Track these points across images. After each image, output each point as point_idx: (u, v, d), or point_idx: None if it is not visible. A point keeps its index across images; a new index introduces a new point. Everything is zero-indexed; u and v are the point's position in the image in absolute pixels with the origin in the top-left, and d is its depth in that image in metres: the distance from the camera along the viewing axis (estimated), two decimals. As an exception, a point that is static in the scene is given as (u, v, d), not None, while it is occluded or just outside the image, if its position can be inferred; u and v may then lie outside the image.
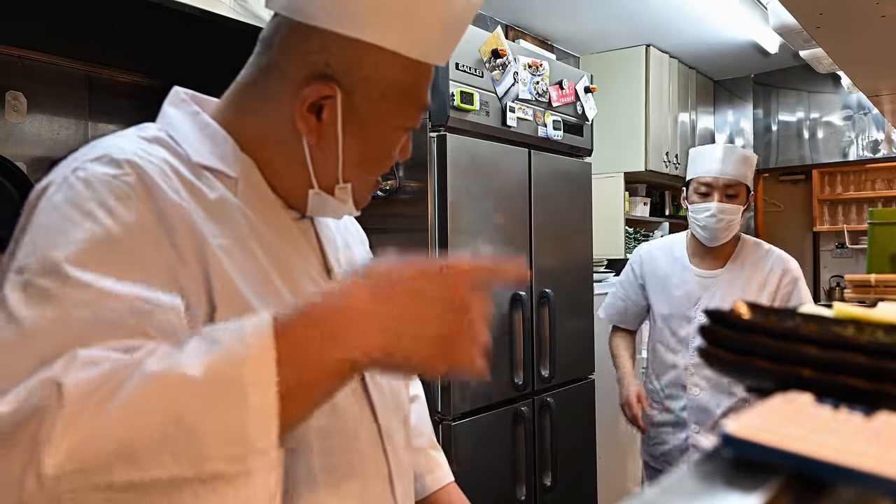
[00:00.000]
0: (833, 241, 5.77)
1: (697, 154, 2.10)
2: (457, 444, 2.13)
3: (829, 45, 1.63)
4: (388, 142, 0.77)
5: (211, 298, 0.65)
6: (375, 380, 0.82)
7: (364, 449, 0.78)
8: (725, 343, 0.53)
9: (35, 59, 1.82)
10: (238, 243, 0.70)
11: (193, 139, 0.74)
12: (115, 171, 0.64)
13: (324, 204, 0.79)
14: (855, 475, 0.36)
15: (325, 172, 0.77)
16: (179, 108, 0.77)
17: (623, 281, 2.30)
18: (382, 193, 2.23)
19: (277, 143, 0.76)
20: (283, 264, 0.75)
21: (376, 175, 0.81)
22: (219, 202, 0.71)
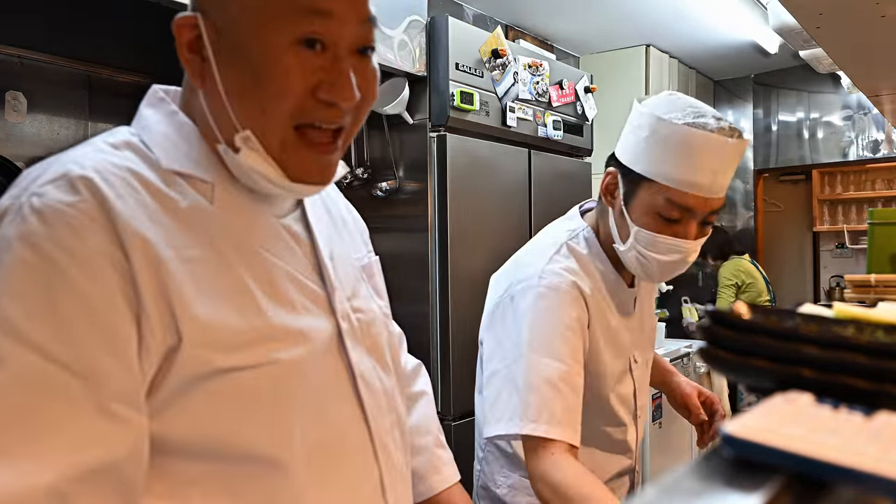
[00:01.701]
0: (833, 241, 5.77)
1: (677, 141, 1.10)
2: (457, 444, 2.13)
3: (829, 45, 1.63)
4: (281, 65, 0.64)
5: (176, 327, 0.62)
6: (366, 379, 0.78)
7: (353, 453, 0.75)
8: (726, 343, 0.53)
9: (35, 59, 1.82)
10: (214, 254, 0.67)
11: (167, 143, 0.69)
12: (71, 199, 0.60)
13: (244, 170, 0.69)
14: (855, 475, 0.36)
15: (222, 119, 0.68)
16: (156, 109, 0.72)
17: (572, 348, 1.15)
18: (382, 193, 2.23)
19: (198, 109, 0.70)
20: (265, 272, 0.70)
21: (284, 118, 0.66)
22: (191, 211, 0.67)
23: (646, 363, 1.38)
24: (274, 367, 0.67)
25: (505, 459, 1.31)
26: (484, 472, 1.35)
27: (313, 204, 0.82)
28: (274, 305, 0.69)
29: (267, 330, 0.67)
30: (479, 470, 1.38)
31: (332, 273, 0.77)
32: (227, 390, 0.64)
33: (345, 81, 0.66)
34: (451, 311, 2.13)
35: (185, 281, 0.63)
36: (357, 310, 0.79)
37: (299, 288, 0.73)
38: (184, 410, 0.63)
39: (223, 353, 0.64)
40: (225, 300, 0.65)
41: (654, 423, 3.26)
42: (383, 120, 2.23)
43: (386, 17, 2.02)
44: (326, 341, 0.74)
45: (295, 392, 0.69)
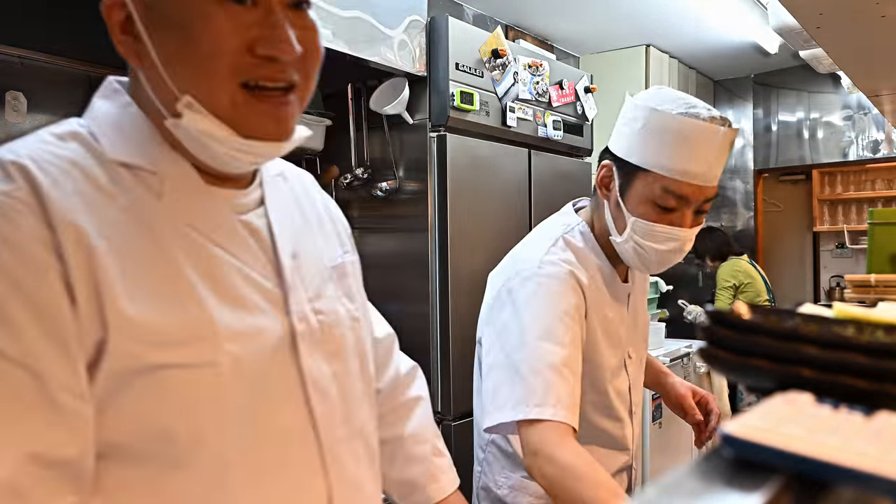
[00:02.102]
0: (833, 241, 5.77)
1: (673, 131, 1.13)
2: (457, 444, 2.13)
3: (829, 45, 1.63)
4: (208, 26, 0.63)
5: (103, 318, 0.60)
6: (320, 386, 0.74)
7: (296, 465, 0.71)
8: (726, 343, 0.53)
9: (35, 59, 1.82)
10: (154, 248, 0.65)
11: (115, 134, 0.68)
12: (3, 186, 0.59)
13: (199, 142, 0.67)
14: (855, 475, 0.36)
15: (163, 92, 0.66)
16: (109, 100, 0.71)
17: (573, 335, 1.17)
18: (382, 193, 2.23)
19: (143, 94, 0.69)
20: (212, 268, 0.68)
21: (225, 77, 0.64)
22: (134, 204, 0.65)
23: (640, 360, 1.39)
24: (212, 366, 0.64)
25: (506, 460, 1.31)
26: (485, 472, 1.35)
27: (281, 201, 0.80)
28: (219, 303, 0.67)
29: (208, 328, 0.65)
30: (479, 471, 1.38)
31: (292, 272, 0.74)
32: (161, 388, 0.62)
33: (281, 34, 0.65)
34: (451, 311, 2.13)
35: (117, 273, 0.61)
36: (319, 311, 0.76)
37: (251, 285, 0.70)
38: (115, 408, 0.62)
39: (155, 349, 0.62)
40: (162, 296, 0.64)
41: (654, 423, 3.25)
42: (383, 120, 2.23)
43: (386, 17, 2.03)
44: (275, 342, 0.70)
45: (234, 394, 0.66)
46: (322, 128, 2.23)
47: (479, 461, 1.37)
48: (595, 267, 1.25)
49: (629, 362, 1.33)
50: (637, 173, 1.17)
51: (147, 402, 0.62)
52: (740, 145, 4.93)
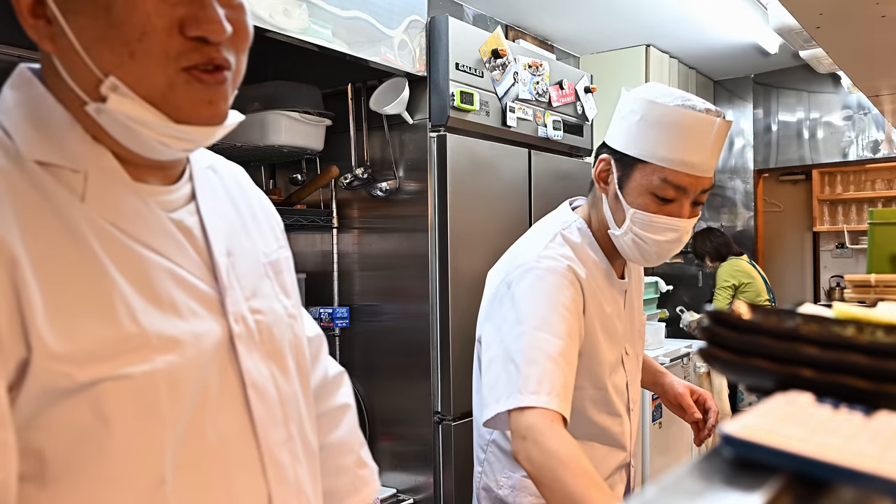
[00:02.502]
0: (833, 241, 5.77)
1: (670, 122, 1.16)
2: (457, 444, 2.14)
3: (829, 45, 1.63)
4: (133, 6, 0.60)
5: (26, 338, 0.56)
6: (259, 387, 0.71)
7: (236, 468, 0.69)
8: (726, 343, 0.53)
9: (35, 59, 1.82)
10: (78, 253, 0.60)
11: (30, 130, 0.63)
12: None
13: (125, 127, 0.63)
14: (855, 475, 0.36)
15: (82, 76, 0.62)
16: (21, 91, 0.66)
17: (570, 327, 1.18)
18: (382, 193, 2.23)
19: (58, 82, 0.64)
20: (140, 272, 0.64)
21: (158, 59, 0.61)
22: (55, 208, 0.61)
23: (636, 357, 1.40)
24: (147, 378, 0.61)
25: (507, 460, 1.32)
26: (486, 473, 1.36)
27: (212, 195, 0.76)
28: (150, 309, 0.63)
29: (139, 337, 0.61)
30: (480, 472, 1.38)
31: (227, 271, 0.71)
32: (91, 406, 0.59)
33: (210, 13, 0.62)
34: (451, 311, 2.13)
35: (40, 287, 0.57)
36: (256, 311, 0.74)
37: (185, 289, 0.67)
38: (45, 427, 0.58)
39: (83, 365, 0.58)
40: (89, 306, 0.60)
41: (654, 423, 3.26)
42: (383, 120, 2.23)
43: (386, 17, 2.03)
44: (213, 347, 0.68)
45: (169, 404, 0.63)
46: (322, 128, 2.23)
47: (480, 461, 1.38)
48: (592, 262, 1.26)
49: (626, 359, 1.34)
50: (636, 165, 1.18)
51: (79, 420, 0.59)
52: (740, 145, 4.93)
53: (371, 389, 2.30)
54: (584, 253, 1.26)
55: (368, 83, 2.24)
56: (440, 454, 2.14)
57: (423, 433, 2.17)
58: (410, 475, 2.20)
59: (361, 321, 2.31)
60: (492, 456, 1.35)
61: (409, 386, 2.20)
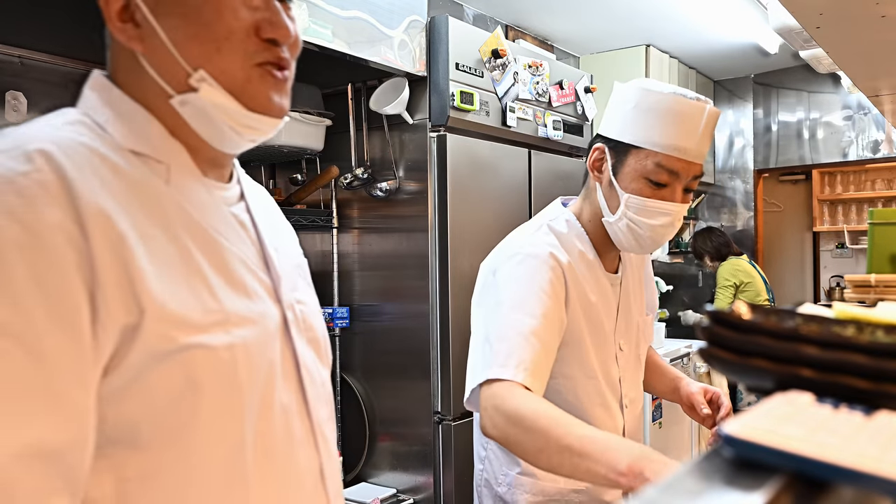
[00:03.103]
0: (833, 241, 5.77)
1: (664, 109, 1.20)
2: (457, 443, 2.14)
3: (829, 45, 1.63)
4: (220, 7, 0.69)
5: (138, 302, 0.61)
6: (309, 368, 0.79)
7: (298, 442, 0.76)
8: (726, 343, 0.53)
9: (35, 59, 1.82)
10: (169, 234, 0.67)
11: (119, 123, 0.70)
12: (25, 168, 0.59)
13: (205, 116, 0.71)
14: (855, 475, 0.36)
15: (171, 71, 0.70)
16: (101, 93, 0.73)
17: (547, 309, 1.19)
18: (382, 193, 2.23)
19: (140, 81, 0.71)
20: (218, 255, 0.71)
21: (239, 55, 0.70)
22: (148, 190, 0.68)
23: (635, 357, 1.39)
24: (226, 349, 0.67)
25: (505, 457, 1.33)
26: (486, 469, 1.37)
27: (255, 198, 0.84)
28: (227, 289, 0.70)
29: (219, 313, 0.68)
30: (480, 469, 1.39)
31: (277, 263, 0.79)
32: (187, 369, 0.64)
33: (281, 19, 0.72)
34: (451, 311, 2.13)
35: (144, 258, 0.63)
36: (299, 301, 0.81)
37: (251, 274, 0.74)
38: (141, 393, 0.63)
39: (183, 331, 0.64)
40: (181, 280, 0.66)
41: (654, 423, 3.26)
42: (383, 120, 2.23)
43: (386, 17, 2.03)
44: (275, 329, 0.75)
45: (246, 375, 0.69)
46: (322, 128, 2.23)
47: (481, 458, 1.39)
48: (578, 252, 1.28)
49: (620, 354, 1.34)
50: (630, 151, 1.22)
51: (174, 385, 0.64)
52: (740, 145, 4.93)
53: (371, 389, 2.30)
54: (570, 242, 1.29)
55: (368, 83, 2.24)
56: (440, 454, 2.14)
57: (423, 433, 2.17)
58: (410, 475, 2.20)
59: (361, 321, 2.31)
60: (491, 453, 1.36)
61: (409, 386, 2.20)
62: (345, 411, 2.33)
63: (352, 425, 2.33)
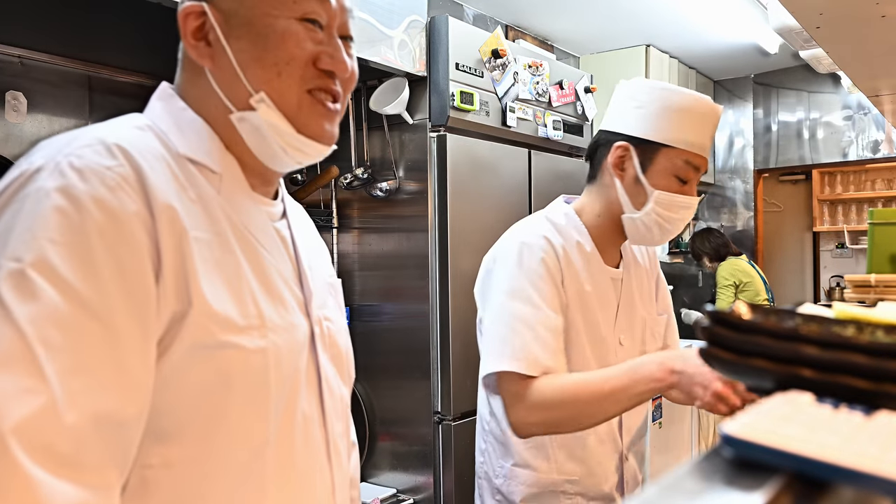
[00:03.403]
0: (833, 241, 5.77)
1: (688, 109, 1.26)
2: (457, 444, 2.13)
3: (829, 45, 1.63)
4: (286, 36, 0.75)
5: (188, 294, 0.66)
6: (329, 382, 0.83)
7: (312, 450, 0.79)
8: (726, 343, 0.53)
9: (35, 59, 1.82)
10: (218, 239, 0.72)
11: (179, 133, 0.75)
12: (109, 162, 0.65)
13: (259, 134, 0.76)
14: (855, 475, 0.36)
15: (234, 89, 0.75)
16: (167, 103, 0.78)
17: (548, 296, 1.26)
18: (382, 193, 2.23)
19: (204, 95, 0.77)
20: (259, 265, 0.76)
21: (295, 81, 0.76)
22: (203, 196, 0.72)
23: (638, 353, 1.38)
24: (261, 353, 0.71)
25: (502, 449, 1.35)
26: (486, 462, 1.41)
27: (297, 217, 0.89)
28: (266, 298, 0.74)
29: (257, 318, 0.72)
30: (481, 462, 1.42)
31: (311, 280, 0.83)
32: (219, 368, 0.68)
33: (340, 55, 0.78)
34: (451, 311, 2.13)
35: (197, 255, 0.68)
36: (327, 318, 0.85)
37: (286, 286, 0.79)
38: (176, 385, 0.66)
39: (223, 328, 0.68)
40: (225, 283, 0.70)
41: (654, 423, 3.26)
42: (383, 120, 2.23)
43: (386, 17, 2.02)
44: (303, 339, 0.79)
45: (275, 380, 0.73)
46: (322, 128, 2.23)
47: (481, 451, 1.43)
48: (575, 242, 1.33)
49: (620, 349, 1.35)
50: (660, 150, 1.26)
51: (207, 379, 0.67)
52: (740, 145, 4.93)
53: (371, 389, 2.30)
54: (567, 233, 1.33)
55: (368, 83, 2.24)
56: (440, 454, 2.14)
57: (423, 433, 2.17)
58: (410, 475, 2.20)
59: (361, 321, 2.31)
60: (490, 446, 1.39)
61: (409, 386, 2.20)
62: (345, 411, 2.33)
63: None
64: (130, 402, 0.62)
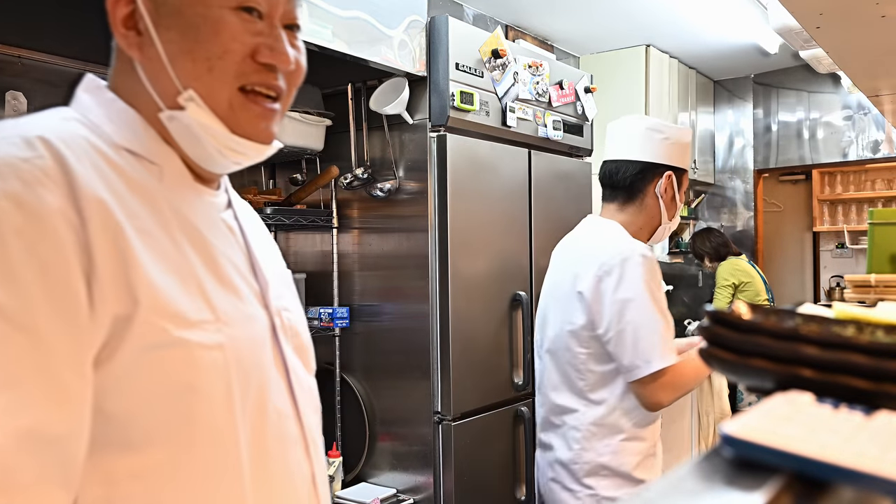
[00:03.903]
0: (833, 241, 5.77)
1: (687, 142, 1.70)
2: (457, 444, 2.13)
3: (829, 45, 1.63)
4: (219, 27, 0.68)
5: (133, 292, 0.61)
6: (297, 374, 0.79)
7: (290, 446, 0.76)
8: (726, 343, 0.53)
9: (35, 59, 1.82)
10: (162, 230, 0.67)
11: (113, 124, 0.70)
12: (26, 154, 0.59)
13: (191, 135, 0.70)
14: (855, 475, 0.36)
15: (163, 84, 0.69)
16: (95, 95, 0.73)
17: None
18: (382, 193, 2.23)
19: (135, 89, 0.71)
20: (209, 256, 0.71)
21: (229, 77, 0.70)
22: (143, 186, 0.68)
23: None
24: (217, 348, 0.67)
25: (606, 430, 1.59)
26: (585, 448, 1.59)
27: (242, 208, 0.84)
28: (219, 289, 0.70)
29: (210, 312, 0.67)
30: (578, 449, 1.60)
31: (264, 270, 0.79)
32: (180, 366, 0.63)
33: (282, 46, 0.72)
34: (451, 311, 2.13)
35: (140, 249, 0.63)
36: (286, 308, 0.81)
37: (240, 277, 0.74)
38: (133, 390, 0.61)
39: (176, 324, 0.63)
40: (174, 275, 0.65)
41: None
42: (383, 120, 2.23)
43: (386, 17, 2.02)
44: (264, 331, 0.75)
45: (237, 375, 0.68)
46: (322, 128, 2.23)
47: (576, 440, 1.61)
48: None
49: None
50: (684, 174, 1.70)
51: (167, 379, 0.63)
52: (740, 145, 4.93)
53: (371, 389, 2.30)
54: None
55: (368, 83, 2.24)
56: (440, 454, 2.14)
57: (423, 433, 2.17)
58: (410, 475, 2.20)
59: (361, 321, 2.31)
60: (588, 432, 1.60)
61: (409, 386, 2.20)
62: (345, 411, 2.33)
63: (352, 425, 2.33)
64: (63, 415, 0.57)
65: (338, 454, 2.22)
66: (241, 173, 2.50)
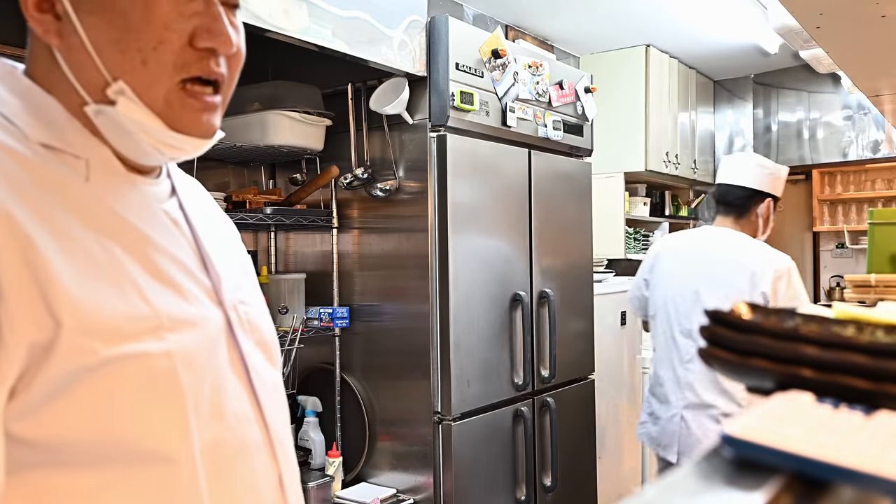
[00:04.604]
0: (833, 241, 5.77)
1: (784, 177, 2.32)
2: (457, 444, 2.13)
3: (829, 45, 1.63)
4: (151, 15, 0.61)
5: (53, 313, 0.55)
6: (259, 372, 0.73)
7: (253, 451, 0.70)
8: (725, 343, 0.53)
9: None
10: (88, 235, 0.60)
11: (28, 117, 0.62)
12: None
13: (123, 131, 0.63)
14: (855, 475, 0.36)
15: (88, 75, 0.62)
16: (7, 83, 0.65)
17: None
18: (382, 193, 2.23)
19: (55, 78, 0.64)
20: (146, 256, 0.64)
21: (166, 70, 0.62)
22: (65, 186, 0.61)
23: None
24: (164, 356, 0.61)
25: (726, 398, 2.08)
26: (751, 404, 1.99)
27: (189, 194, 0.78)
28: (159, 291, 0.63)
29: (152, 318, 0.61)
30: (715, 414, 2.09)
31: (216, 262, 0.73)
32: (116, 383, 0.58)
33: (221, 26, 0.64)
34: (451, 311, 2.13)
35: (60, 262, 0.56)
36: (243, 302, 0.75)
37: (186, 274, 0.68)
38: (65, 411, 0.56)
39: (108, 341, 0.57)
40: (105, 283, 0.59)
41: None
42: (383, 120, 2.23)
43: (386, 17, 2.02)
44: (217, 332, 0.69)
45: (188, 384, 0.63)
46: (322, 128, 2.23)
47: (719, 414, 2.09)
48: None
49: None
50: (778, 201, 2.24)
51: (102, 400, 0.57)
52: (740, 145, 4.92)
53: (371, 389, 2.30)
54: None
55: (368, 83, 2.24)
56: (440, 454, 2.14)
57: (423, 433, 2.17)
58: (410, 475, 2.20)
59: (361, 321, 2.31)
60: (720, 399, 2.09)
61: (409, 386, 2.20)
62: (345, 411, 2.33)
63: (352, 425, 2.33)
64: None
65: (338, 454, 2.22)
66: (240, 173, 2.51)
